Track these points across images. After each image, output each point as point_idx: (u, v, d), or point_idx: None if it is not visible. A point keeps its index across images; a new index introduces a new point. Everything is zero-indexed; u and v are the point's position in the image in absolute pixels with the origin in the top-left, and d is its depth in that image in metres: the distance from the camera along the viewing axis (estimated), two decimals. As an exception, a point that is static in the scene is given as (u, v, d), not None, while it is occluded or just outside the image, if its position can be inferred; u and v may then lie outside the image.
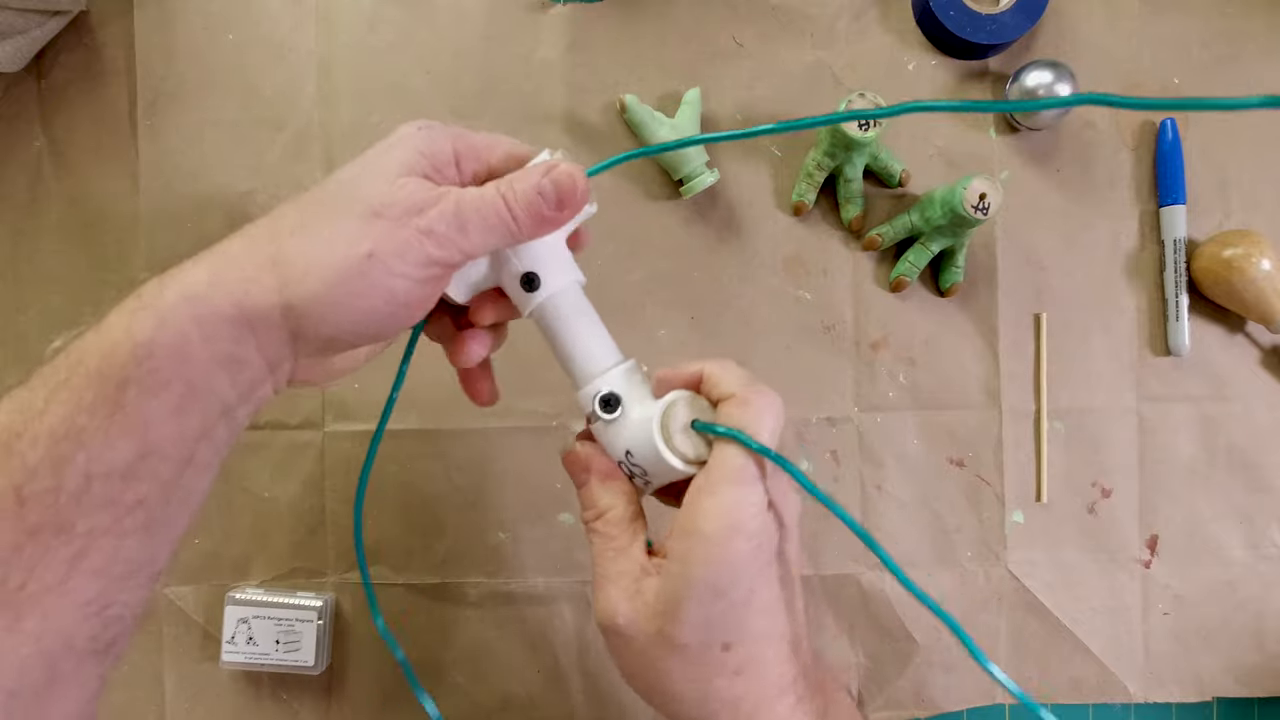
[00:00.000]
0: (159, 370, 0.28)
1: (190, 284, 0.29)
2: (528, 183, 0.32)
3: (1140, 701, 0.55)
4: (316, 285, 0.29)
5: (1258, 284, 0.52)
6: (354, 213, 0.30)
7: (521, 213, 0.32)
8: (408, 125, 0.33)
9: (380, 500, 0.54)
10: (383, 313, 0.31)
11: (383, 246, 0.30)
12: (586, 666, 0.55)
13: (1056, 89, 0.52)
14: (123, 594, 0.29)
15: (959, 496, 0.55)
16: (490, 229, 0.32)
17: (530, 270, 0.34)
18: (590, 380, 0.35)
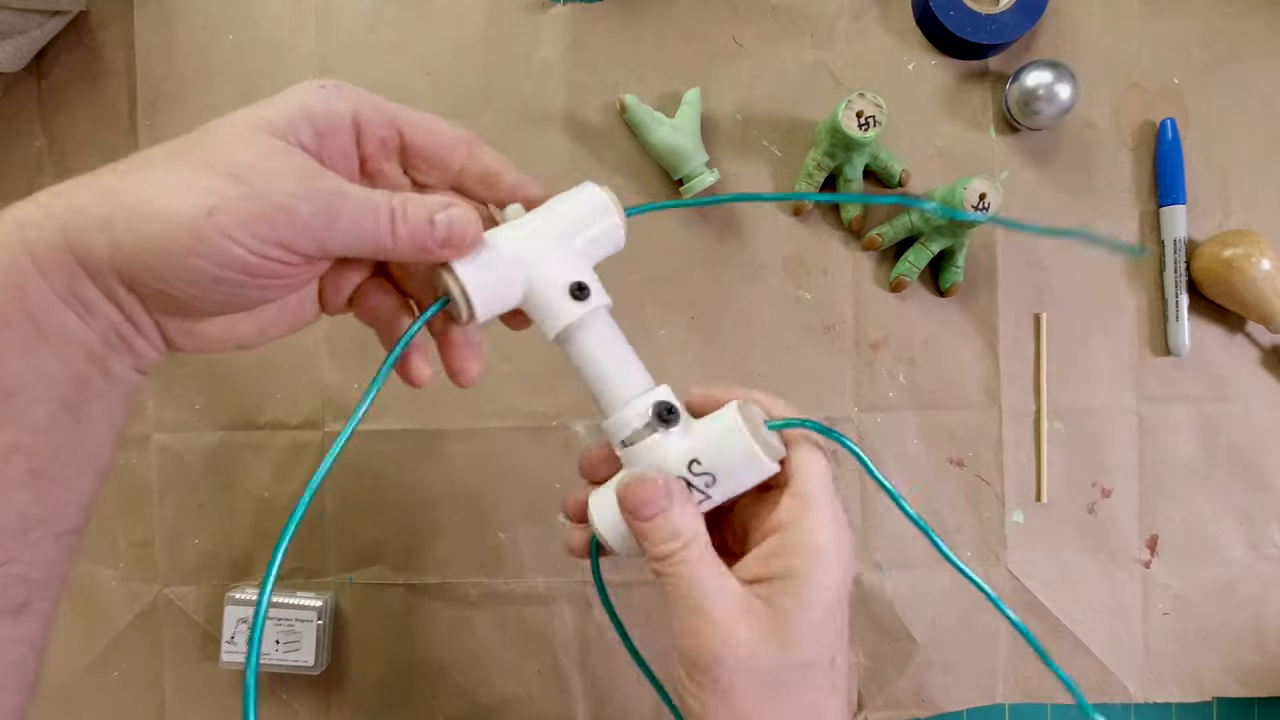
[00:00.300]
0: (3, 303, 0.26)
1: (23, 212, 0.27)
2: (425, 207, 0.30)
3: (1140, 701, 0.55)
4: (144, 228, 0.26)
5: (1258, 284, 0.52)
6: (209, 164, 0.27)
7: (404, 232, 0.29)
8: (309, 81, 0.31)
9: (380, 500, 0.54)
10: (217, 276, 0.27)
11: (228, 208, 0.26)
12: (586, 666, 0.55)
13: (1056, 89, 0.52)
14: (23, 551, 0.27)
15: (959, 496, 0.55)
16: (363, 239, 0.29)
17: (581, 280, 0.33)
18: (631, 400, 0.33)
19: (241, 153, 0.27)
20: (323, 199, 0.28)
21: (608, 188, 0.34)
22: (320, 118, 0.29)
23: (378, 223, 0.29)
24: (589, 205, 0.34)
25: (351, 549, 0.54)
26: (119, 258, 0.27)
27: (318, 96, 0.30)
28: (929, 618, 0.55)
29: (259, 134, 0.28)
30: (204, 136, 0.28)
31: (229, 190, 0.27)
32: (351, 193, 0.29)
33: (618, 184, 0.54)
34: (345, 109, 0.30)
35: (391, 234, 0.29)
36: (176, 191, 0.27)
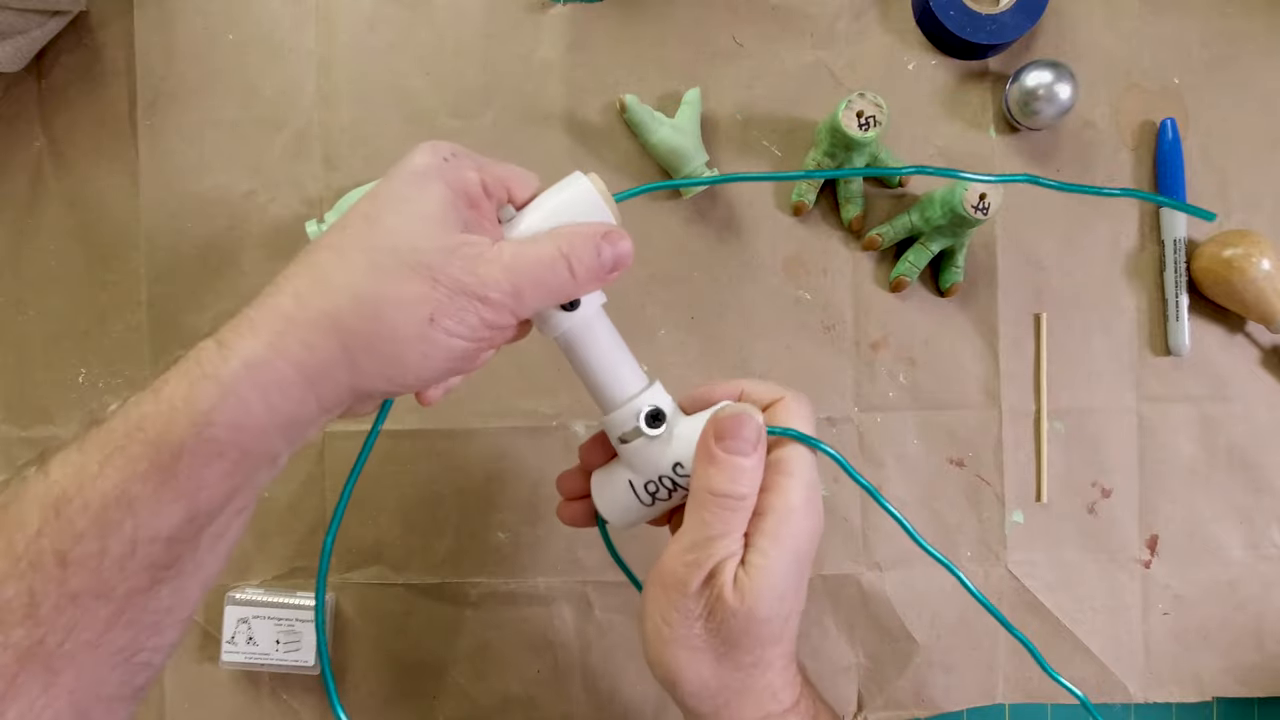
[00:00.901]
0: (217, 440, 0.28)
1: (251, 351, 0.29)
2: (588, 247, 0.33)
3: (1140, 701, 0.55)
4: (383, 351, 0.30)
5: (1258, 284, 0.52)
6: (413, 274, 0.30)
7: (581, 272, 0.33)
8: (425, 152, 0.33)
9: (380, 500, 0.54)
10: (443, 368, 0.31)
11: (441, 311, 0.30)
12: (586, 666, 0.55)
13: (1057, 89, 0.52)
14: (152, 640, 0.30)
15: (959, 496, 0.55)
16: (549, 292, 0.32)
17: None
18: (625, 400, 0.35)
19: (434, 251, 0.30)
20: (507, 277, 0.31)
21: (595, 176, 0.35)
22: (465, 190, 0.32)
23: (559, 275, 0.32)
24: (577, 201, 0.35)
25: (351, 549, 0.54)
26: (359, 382, 0.30)
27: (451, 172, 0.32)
28: (929, 618, 0.55)
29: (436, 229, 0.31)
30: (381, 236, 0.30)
31: (439, 294, 0.30)
32: (522, 258, 0.32)
33: (617, 183, 0.54)
34: (474, 175, 0.33)
35: (573, 279, 0.32)
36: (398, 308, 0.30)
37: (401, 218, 0.31)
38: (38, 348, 0.55)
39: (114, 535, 0.28)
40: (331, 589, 0.55)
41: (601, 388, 0.36)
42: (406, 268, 0.30)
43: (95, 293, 0.55)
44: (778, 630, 0.34)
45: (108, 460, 0.28)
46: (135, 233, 0.54)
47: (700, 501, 0.33)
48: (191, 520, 0.29)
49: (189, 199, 0.54)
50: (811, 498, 0.34)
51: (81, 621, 0.27)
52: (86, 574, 0.27)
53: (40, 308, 0.55)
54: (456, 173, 0.32)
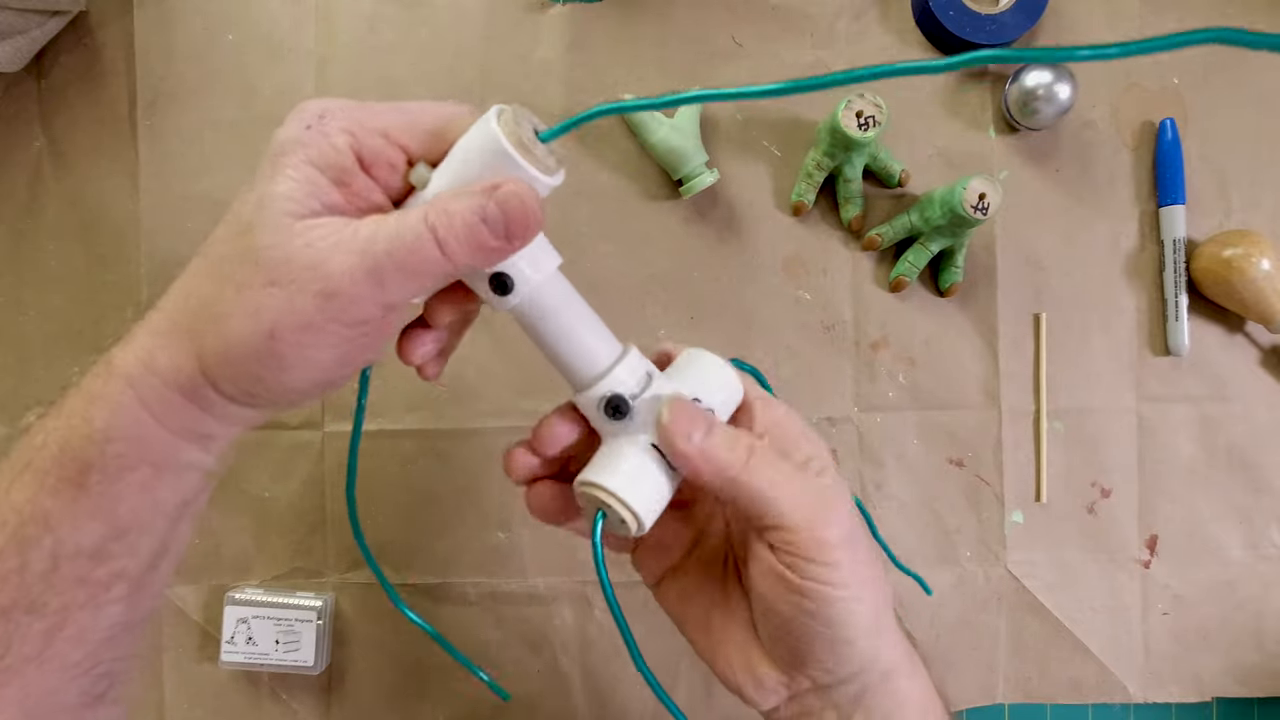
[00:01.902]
0: (122, 455, 0.28)
1: (130, 369, 0.28)
2: (465, 206, 0.26)
3: (1140, 702, 0.55)
4: (236, 367, 0.27)
5: (1258, 284, 0.52)
6: (251, 280, 0.26)
7: (458, 246, 0.26)
8: (291, 121, 0.27)
9: (380, 500, 0.54)
10: (314, 379, 0.28)
11: (283, 322, 0.26)
12: (586, 666, 0.55)
13: (1056, 89, 0.52)
14: (110, 652, 0.30)
15: (959, 496, 0.55)
16: (415, 274, 0.26)
17: (500, 270, 0.29)
18: (594, 380, 0.31)
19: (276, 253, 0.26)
20: (361, 263, 0.26)
21: (515, 109, 0.28)
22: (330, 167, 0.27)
23: (426, 253, 0.26)
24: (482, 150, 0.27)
25: (352, 549, 0.54)
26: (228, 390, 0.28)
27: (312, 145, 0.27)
28: (929, 618, 0.55)
29: (288, 222, 0.26)
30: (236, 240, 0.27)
31: (275, 301, 0.26)
32: (377, 235, 0.26)
33: (618, 184, 0.54)
34: (342, 144, 0.27)
35: (442, 251, 0.26)
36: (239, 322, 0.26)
37: (256, 212, 0.26)
38: (37, 348, 0.55)
39: (33, 550, 0.27)
40: (331, 589, 0.55)
41: (564, 368, 0.31)
42: (248, 273, 0.26)
43: (95, 293, 0.55)
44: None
45: (18, 476, 0.28)
46: (135, 233, 0.54)
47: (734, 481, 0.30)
48: (118, 535, 0.28)
49: (189, 199, 0.54)
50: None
51: (17, 635, 0.27)
52: (11, 589, 0.27)
53: (40, 308, 0.55)
54: (319, 145, 0.27)
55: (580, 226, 0.55)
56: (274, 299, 0.26)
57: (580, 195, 0.54)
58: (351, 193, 0.27)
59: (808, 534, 0.30)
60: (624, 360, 0.31)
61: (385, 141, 0.28)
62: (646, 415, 0.31)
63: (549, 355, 0.31)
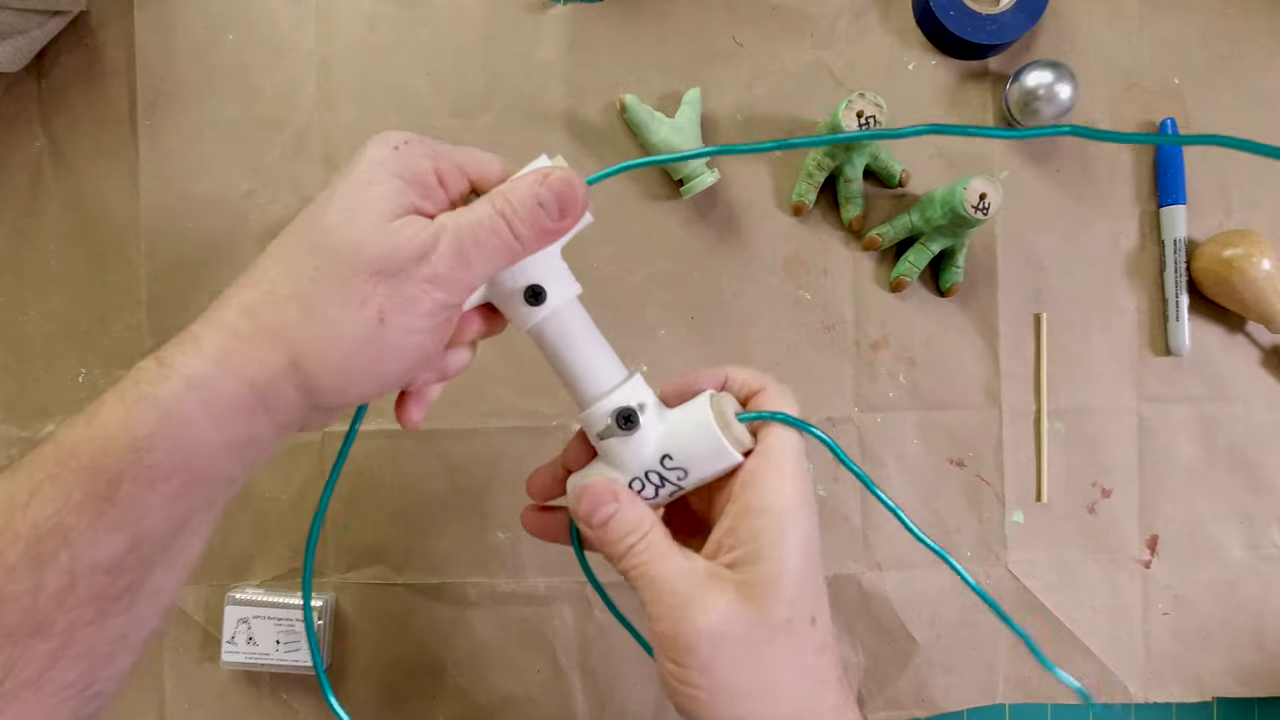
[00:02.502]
0: (159, 464, 0.27)
1: (195, 369, 0.27)
2: (524, 193, 0.30)
3: (1140, 702, 0.55)
4: (334, 360, 0.28)
5: (1258, 284, 0.52)
6: (354, 273, 0.28)
7: (523, 228, 0.30)
8: (377, 144, 0.30)
9: (380, 500, 0.54)
10: (403, 371, 0.30)
11: (391, 306, 0.28)
12: (586, 666, 0.55)
13: (1056, 89, 0.52)
14: (106, 670, 0.28)
15: (959, 496, 0.55)
16: (493, 253, 0.30)
17: (535, 283, 0.32)
18: (600, 397, 0.34)
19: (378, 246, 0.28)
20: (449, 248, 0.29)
21: (560, 159, 0.33)
22: (415, 178, 0.30)
23: (500, 234, 0.30)
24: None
25: (351, 549, 0.54)
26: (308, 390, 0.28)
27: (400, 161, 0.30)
28: (929, 618, 0.55)
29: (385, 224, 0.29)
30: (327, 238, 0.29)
31: (382, 289, 0.28)
32: (460, 224, 0.29)
33: (618, 184, 0.54)
34: (427, 164, 0.30)
35: (515, 237, 0.30)
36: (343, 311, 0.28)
37: (346, 217, 0.29)
38: (38, 348, 0.55)
39: (49, 568, 0.26)
40: (332, 589, 0.55)
41: (576, 383, 0.34)
42: (349, 268, 0.28)
43: (95, 293, 0.55)
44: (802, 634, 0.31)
45: (38, 489, 0.26)
46: (135, 233, 0.54)
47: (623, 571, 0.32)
48: (135, 548, 0.27)
49: (189, 199, 0.54)
50: (801, 491, 0.32)
51: (21, 660, 0.26)
52: (20, 611, 0.26)
53: (40, 308, 0.55)
54: (406, 162, 0.30)
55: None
56: (382, 288, 0.28)
57: (580, 195, 0.54)
58: (431, 204, 0.30)
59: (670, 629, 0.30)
60: (629, 382, 0.34)
61: (459, 172, 0.31)
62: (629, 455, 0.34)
63: (563, 370, 0.34)
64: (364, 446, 0.54)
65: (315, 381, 0.28)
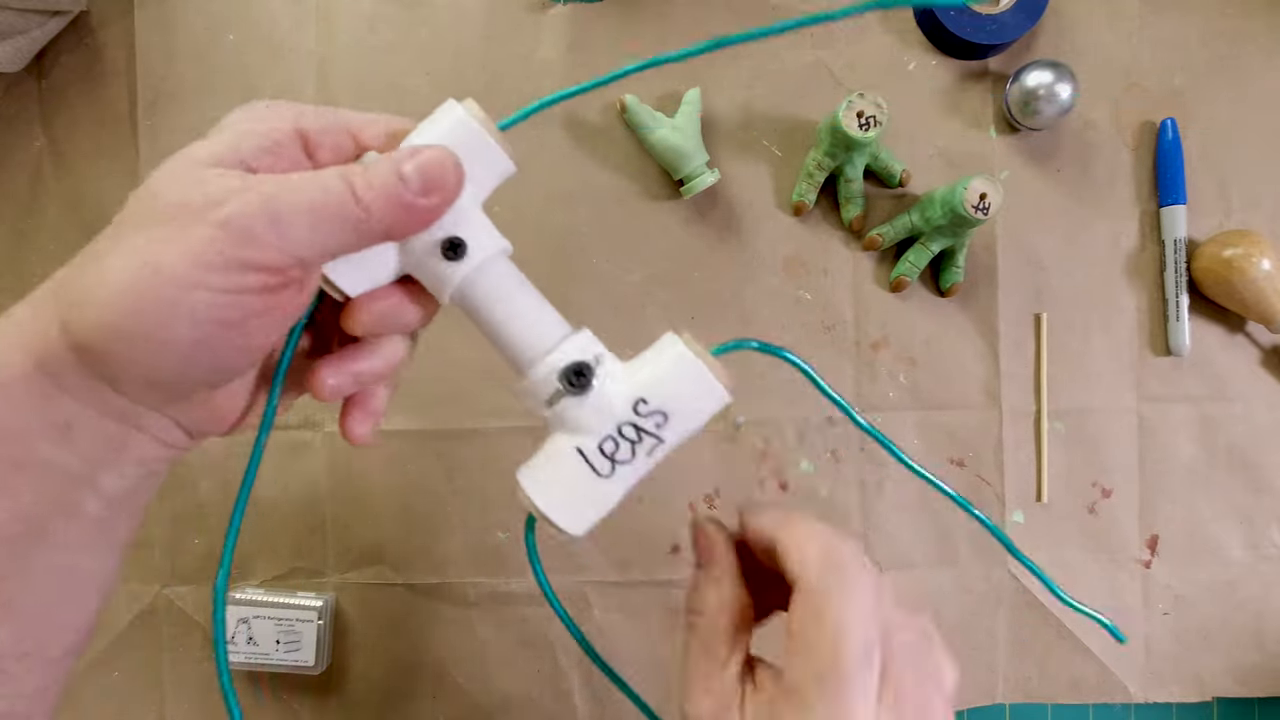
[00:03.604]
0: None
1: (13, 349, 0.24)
2: (386, 165, 0.26)
3: (1140, 702, 0.55)
4: (97, 315, 0.23)
5: (1258, 284, 0.52)
6: (140, 223, 0.24)
7: (376, 202, 0.25)
8: (241, 106, 0.27)
9: (380, 500, 0.54)
10: (192, 338, 0.24)
11: (166, 254, 0.23)
12: (586, 666, 0.55)
13: (1057, 89, 0.52)
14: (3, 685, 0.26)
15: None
16: (327, 221, 0.25)
17: (452, 235, 0.28)
18: (541, 357, 0.29)
19: (178, 194, 0.24)
20: (260, 198, 0.24)
21: (471, 102, 0.29)
22: (262, 134, 0.26)
23: (336, 198, 0.25)
24: (452, 134, 0.28)
25: (351, 549, 0.54)
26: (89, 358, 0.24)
27: (253, 115, 0.27)
28: (929, 618, 0.55)
29: (195, 169, 0.25)
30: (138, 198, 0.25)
31: (160, 234, 0.23)
32: (288, 180, 0.25)
33: (618, 183, 0.54)
34: (285, 123, 0.27)
35: (357, 203, 0.25)
36: (110, 260, 0.24)
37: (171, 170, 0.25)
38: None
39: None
40: (332, 589, 0.55)
41: (513, 347, 0.29)
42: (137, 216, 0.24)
43: (95, 293, 0.54)
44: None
45: None
46: (135, 233, 0.54)
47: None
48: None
49: (189, 199, 0.54)
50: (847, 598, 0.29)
51: None
52: None
53: (40, 308, 0.55)
54: (259, 118, 0.26)
55: (580, 226, 0.55)
56: (161, 233, 0.24)
57: (580, 195, 0.54)
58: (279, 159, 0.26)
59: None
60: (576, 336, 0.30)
61: (338, 125, 0.28)
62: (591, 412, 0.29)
63: (498, 337, 0.30)
64: (364, 446, 0.54)
65: (87, 344, 0.24)
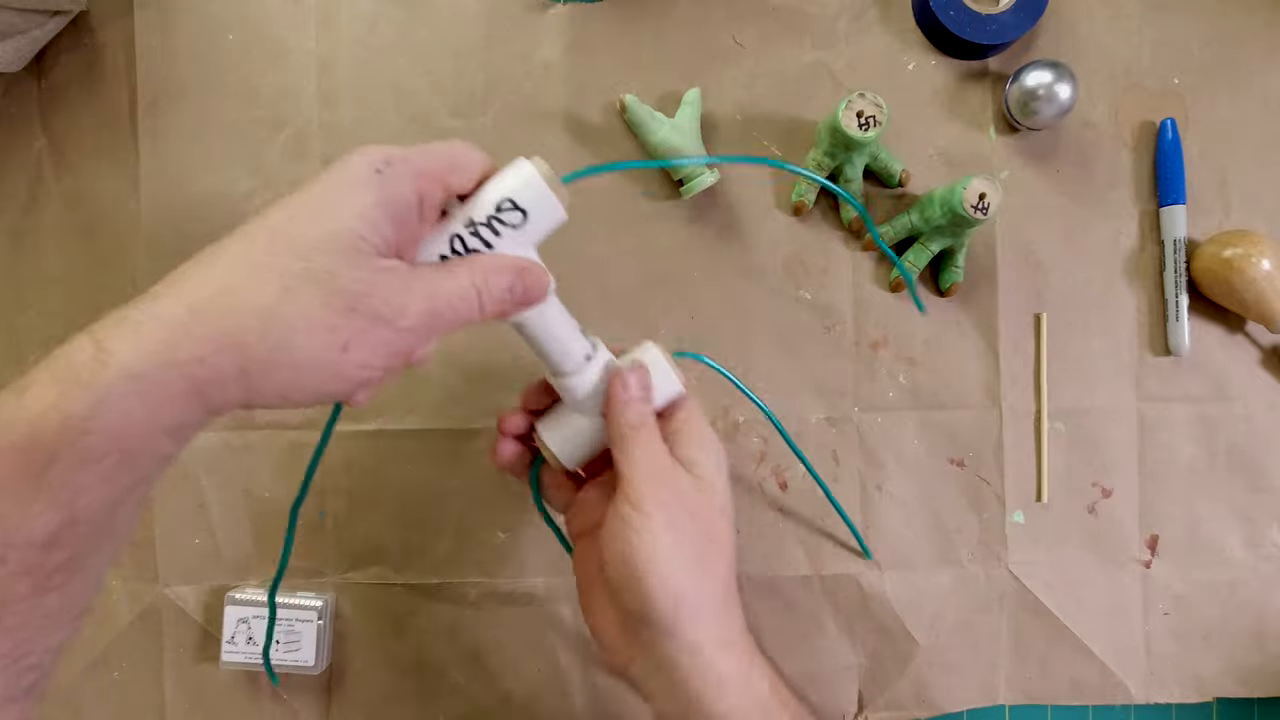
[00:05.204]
0: (94, 446, 0.27)
1: (134, 364, 0.27)
2: (502, 282, 0.33)
3: (1141, 702, 0.55)
4: (286, 377, 0.29)
5: (1258, 284, 0.52)
6: (324, 300, 0.29)
7: (491, 307, 0.33)
8: (355, 162, 0.31)
9: (380, 500, 0.54)
10: (346, 392, 0.31)
11: (357, 343, 0.29)
12: (586, 666, 0.55)
13: (1057, 89, 0.52)
14: (41, 641, 0.29)
15: (959, 496, 0.55)
16: (459, 321, 0.32)
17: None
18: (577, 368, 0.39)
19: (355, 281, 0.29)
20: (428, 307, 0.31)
21: (539, 160, 0.35)
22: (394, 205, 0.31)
23: (468, 307, 0.32)
24: (521, 189, 0.34)
25: (351, 549, 0.54)
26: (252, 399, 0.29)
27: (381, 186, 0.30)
28: (929, 618, 0.55)
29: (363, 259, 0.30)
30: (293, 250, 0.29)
31: (354, 324, 0.29)
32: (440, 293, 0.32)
33: (618, 183, 0.54)
34: (409, 191, 0.31)
35: (480, 312, 0.33)
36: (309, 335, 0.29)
37: (319, 236, 0.29)
38: (38, 348, 0.55)
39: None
40: (332, 589, 0.55)
41: (554, 361, 0.39)
42: (322, 294, 0.29)
43: (95, 293, 0.55)
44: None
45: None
46: (135, 233, 0.54)
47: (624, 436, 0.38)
48: (71, 525, 0.27)
49: (189, 199, 0.54)
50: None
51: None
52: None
53: (40, 308, 0.55)
54: (388, 189, 0.31)
55: (580, 226, 0.54)
56: (354, 322, 0.29)
57: (580, 195, 0.54)
58: (406, 233, 0.32)
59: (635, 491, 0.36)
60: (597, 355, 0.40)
61: (439, 187, 0.32)
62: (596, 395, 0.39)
63: (540, 353, 0.38)
64: (364, 446, 0.54)
65: (260, 389, 0.29)
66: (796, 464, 0.55)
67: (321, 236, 0.29)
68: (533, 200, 0.34)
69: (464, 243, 0.34)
